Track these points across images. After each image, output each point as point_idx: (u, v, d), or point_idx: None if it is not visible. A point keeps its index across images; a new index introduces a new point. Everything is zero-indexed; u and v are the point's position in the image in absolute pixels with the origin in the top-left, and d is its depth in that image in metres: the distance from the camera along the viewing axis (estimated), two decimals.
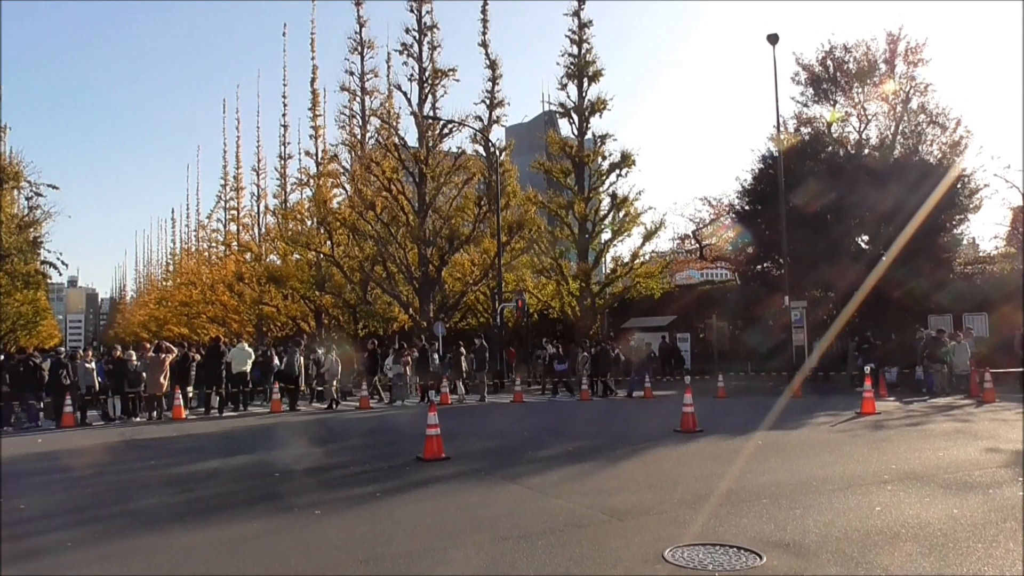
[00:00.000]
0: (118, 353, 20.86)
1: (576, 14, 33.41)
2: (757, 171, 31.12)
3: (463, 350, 23.13)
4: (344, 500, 8.29)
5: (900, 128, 29.32)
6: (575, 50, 33.39)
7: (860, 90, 29.80)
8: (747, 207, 31.76)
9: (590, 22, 33.49)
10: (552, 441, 13.11)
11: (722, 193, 47.01)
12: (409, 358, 22.75)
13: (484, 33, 34.58)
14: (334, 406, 20.83)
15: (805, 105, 31.00)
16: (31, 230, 24.98)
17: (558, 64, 33.69)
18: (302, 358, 21.87)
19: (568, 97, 33.52)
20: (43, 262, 29.87)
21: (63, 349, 29.76)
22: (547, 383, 25.06)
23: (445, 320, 31.05)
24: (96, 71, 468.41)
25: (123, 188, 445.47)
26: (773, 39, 25.04)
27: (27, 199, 25.50)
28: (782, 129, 28.66)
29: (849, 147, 30.16)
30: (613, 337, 32.71)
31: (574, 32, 33.39)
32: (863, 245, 28.80)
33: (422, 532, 6.76)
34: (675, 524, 6.75)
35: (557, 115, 36.89)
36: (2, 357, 23.90)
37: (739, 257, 34.78)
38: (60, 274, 34.28)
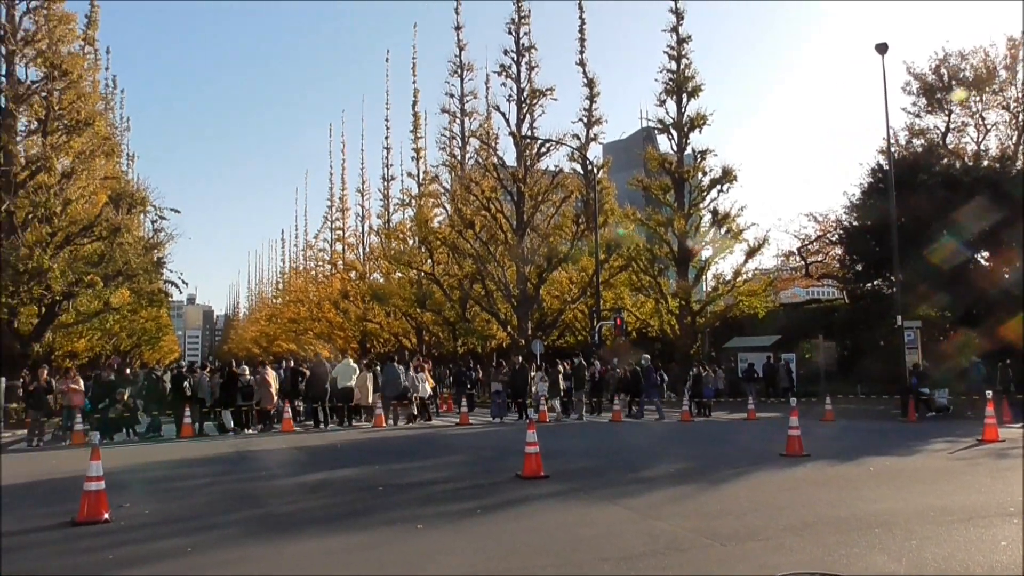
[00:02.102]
0: (231, 368, 21.85)
1: (674, 30, 33.17)
2: (866, 185, 30.01)
3: (561, 368, 23.09)
4: (445, 515, 8.41)
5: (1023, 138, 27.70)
6: (673, 66, 33.13)
7: (978, 98, 28.33)
8: (856, 223, 30.61)
9: (689, 37, 33.22)
10: (652, 462, 12.93)
11: (829, 209, 45.50)
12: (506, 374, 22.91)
13: (582, 52, 34.78)
14: (416, 420, 21.16)
15: (917, 116, 29.76)
16: (155, 251, 26.54)
17: (656, 80, 33.54)
18: (413, 373, 22.31)
19: (667, 113, 33.29)
20: (166, 281, 31.78)
21: (183, 363, 31.49)
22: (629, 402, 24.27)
23: (543, 338, 31.14)
24: (213, 104, 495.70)
25: (238, 211, 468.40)
26: (882, 49, 24.10)
27: (152, 222, 27.22)
28: (893, 141, 27.53)
29: (966, 159, 28.68)
30: (715, 357, 32.06)
31: (672, 48, 33.14)
32: (983, 262, 27.26)
33: (522, 550, 6.79)
34: (781, 551, 6.54)
35: (655, 131, 36.70)
36: (128, 370, 25.45)
37: (847, 275, 33.50)
38: (180, 292, 36.44)
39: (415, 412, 21.55)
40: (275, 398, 19.93)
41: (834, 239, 35.41)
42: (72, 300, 24.73)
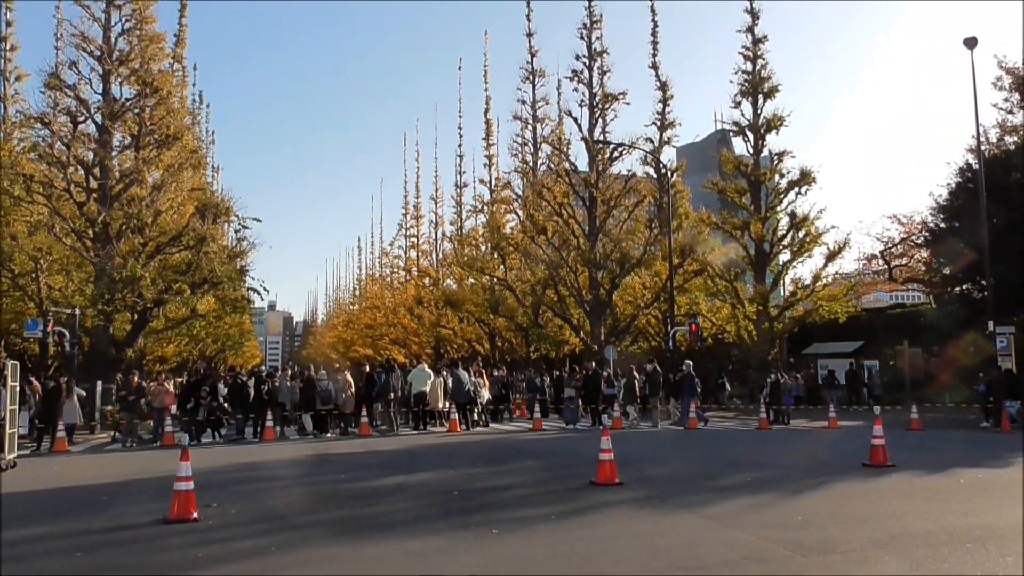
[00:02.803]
0: (310, 373, 22.42)
1: (750, 30, 32.60)
2: (954, 185, 28.84)
3: (636, 374, 22.89)
4: (520, 520, 8.46)
5: None
6: (749, 67, 32.55)
7: None
8: (943, 224, 29.44)
9: (764, 37, 32.59)
10: (728, 470, 12.70)
11: (913, 210, 43.74)
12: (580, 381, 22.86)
13: (654, 55, 34.53)
14: (472, 426, 21.28)
15: (1009, 112, 28.39)
16: (239, 260, 27.44)
17: (731, 82, 33.00)
18: (473, 379, 22.51)
19: (742, 115, 32.72)
20: (248, 288, 32.83)
21: (263, 368, 32.46)
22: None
23: (616, 343, 30.93)
24: (292, 116, 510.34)
25: (316, 220, 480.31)
26: (971, 43, 23.15)
27: (235, 232, 28.18)
28: (983, 139, 26.38)
29: None
30: (793, 364, 31.28)
31: (748, 49, 32.57)
32: None
33: (597, 557, 6.78)
34: (866, 564, 6.35)
35: (731, 133, 36.11)
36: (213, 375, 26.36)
37: (934, 278, 32.24)
38: (262, 299, 37.50)
39: (475, 418, 21.78)
40: (352, 403, 20.38)
41: (919, 241, 34.10)
42: (162, 307, 25.81)
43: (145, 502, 9.86)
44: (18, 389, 14.98)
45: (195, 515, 8.47)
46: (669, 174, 34.06)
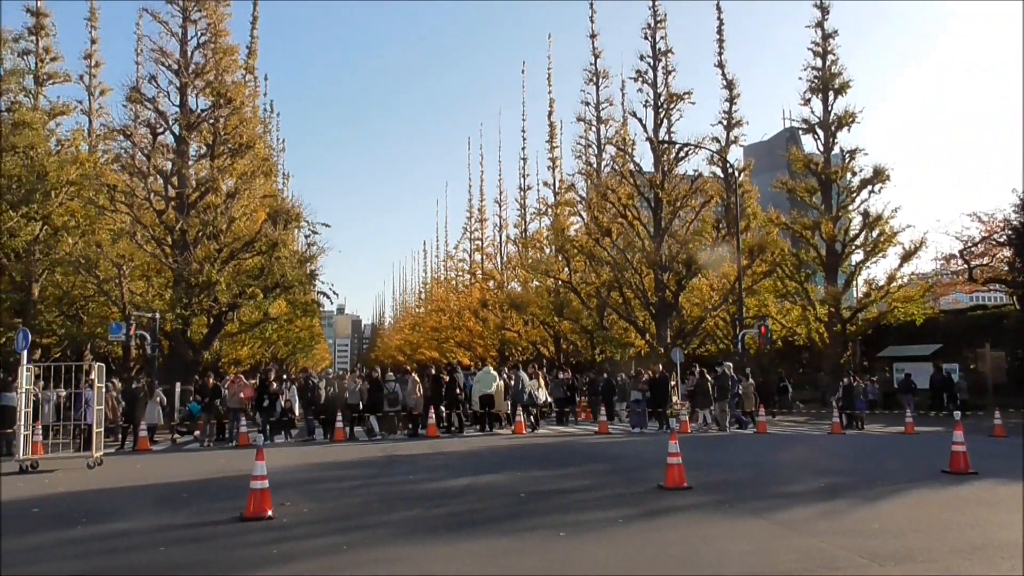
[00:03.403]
0: (376, 375, 22.80)
1: (819, 25, 31.86)
2: None
3: (708, 377, 22.56)
4: (587, 524, 8.44)
5: None
6: (819, 63, 31.83)
7: None
8: None
9: (835, 32, 31.83)
10: (800, 476, 12.43)
11: (995, 208, 42.08)
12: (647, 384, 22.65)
13: (720, 53, 34.11)
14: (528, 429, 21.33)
15: None
16: (309, 264, 28.09)
17: (800, 79, 32.32)
18: (534, 381, 22.57)
19: (812, 112, 32.01)
20: (318, 292, 33.62)
21: (330, 371, 33.12)
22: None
23: (683, 346, 30.56)
24: (358, 122, 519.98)
25: (383, 224, 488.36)
26: None
27: (306, 237, 28.82)
28: None
29: None
30: (867, 367, 30.41)
31: (817, 44, 31.85)
32: None
33: (666, 561, 6.73)
34: (948, 574, 6.14)
35: (800, 131, 35.39)
36: (284, 377, 27.07)
37: (1018, 278, 30.89)
38: (331, 303, 38.41)
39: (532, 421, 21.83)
40: (420, 405, 20.63)
41: (1002, 240, 32.72)
42: (236, 311, 26.61)
43: (223, 500, 10.19)
44: (104, 390, 15.63)
45: (270, 513, 8.72)
46: (736, 174, 33.55)
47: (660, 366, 25.32)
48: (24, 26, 28.45)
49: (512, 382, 21.96)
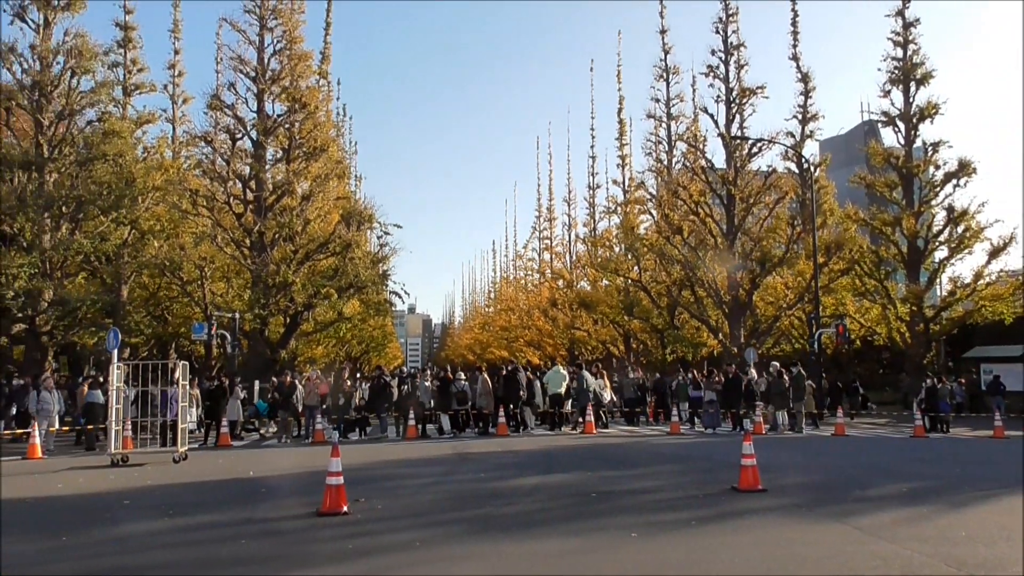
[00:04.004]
0: (445, 373, 23.07)
1: (900, 14, 30.76)
2: None
3: (786, 377, 22.07)
4: (658, 525, 8.37)
5: None
6: (899, 53, 30.74)
7: None
8: None
9: (916, 20, 30.66)
10: (880, 479, 12.03)
11: None
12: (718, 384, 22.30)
13: (795, 46, 33.34)
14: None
15: None
16: (381, 265, 28.63)
17: (879, 70, 31.31)
18: (599, 380, 22.47)
19: (892, 104, 30.96)
20: (390, 292, 34.24)
21: (405, 369, 33.66)
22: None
23: (757, 346, 29.95)
24: (427, 123, 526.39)
25: (453, 225, 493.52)
26: None
27: (378, 238, 29.43)
28: None
29: None
30: (952, 368, 29.26)
31: (898, 33, 30.76)
32: None
33: (740, 564, 6.61)
34: None
35: (879, 124, 34.28)
36: (358, 375, 27.61)
37: None
38: (403, 302, 39.03)
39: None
40: (489, 404, 20.78)
41: None
42: (311, 310, 27.30)
43: (300, 495, 10.46)
44: (188, 388, 16.24)
45: (345, 509, 8.91)
46: (812, 169, 32.66)
47: (733, 366, 24.87)
48: (113, 39, 29.77)
49: (575, 382, 21.92)
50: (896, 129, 31.02)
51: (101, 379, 21.27)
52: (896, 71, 30.66)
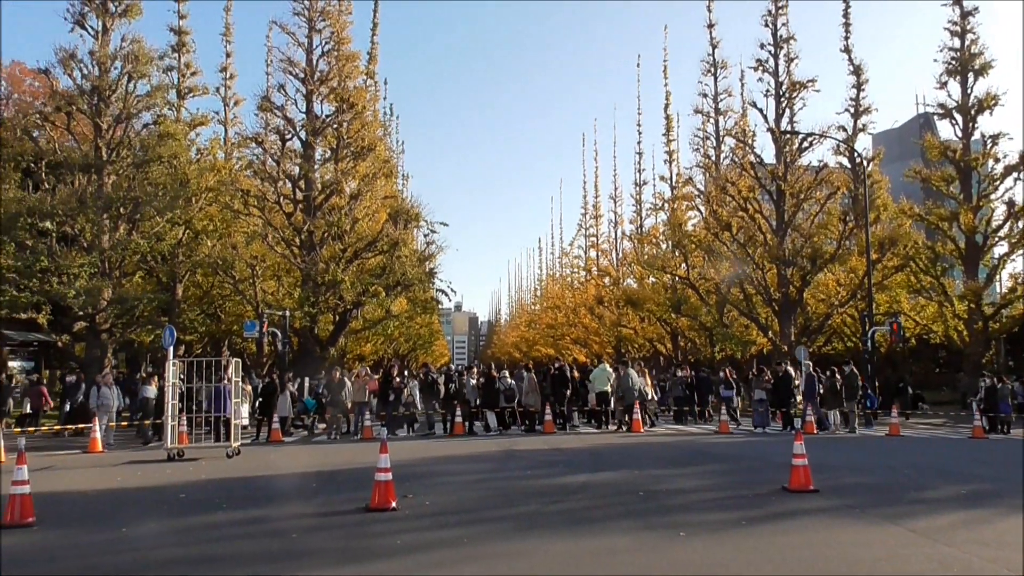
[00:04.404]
0: (492, 372, 23.12)
1: (957, 3, 29.94)
2: None
3: (838, 376, 21.66)
4: (707, 524, 8.29)
5: None
6: (956, 43, 29.90)
7: None
8: None
9: (975, 10, 29.78)
10: (937, 481, 11.74)
11: None
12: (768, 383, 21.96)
13: (847, 38, 32.71)
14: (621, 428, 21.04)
15: None
16: (428, 263, 28.85)
17: (936, 61, 30.50)
18: (643, 379, 22.30)
19: (949, 96, 30.11)
20: (437, 290, 34.48)
21: (451, 367, 33.87)
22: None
23: (807, 344, 29.42)
24: (473, 122, 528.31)
25: (499, 222, 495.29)
26: None
27: (424, 236, 29.62)
28: None
29: None
30: (1013, 367, 28.37)
31: (955, 23, 29.91)
32: None
33: (792, 565, 6.52)
34: None
35: (935, 117, 33.41)
36: (405, 372, 27.84)
37: None
38: (449, 300, 39.21)
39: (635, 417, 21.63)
40: (536, 401, 20.79)
41: None
42: (360, 308, 27.63)
43: (349, 490, 10.60)
44: (240, 384, 16.57)
45: (394, 505, 9.01)
46: (865, 163, 31.94)
47: (783, 364, 24.48)
48: (168, 44, 30.53)
49: (620, 380, 21.79)
50: (953, 121, 30.18)
51: (148, 375, 21.91)
52: (953, 62, 29.82)
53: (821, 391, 21.51)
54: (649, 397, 22.43)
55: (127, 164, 25.15)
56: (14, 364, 26.64)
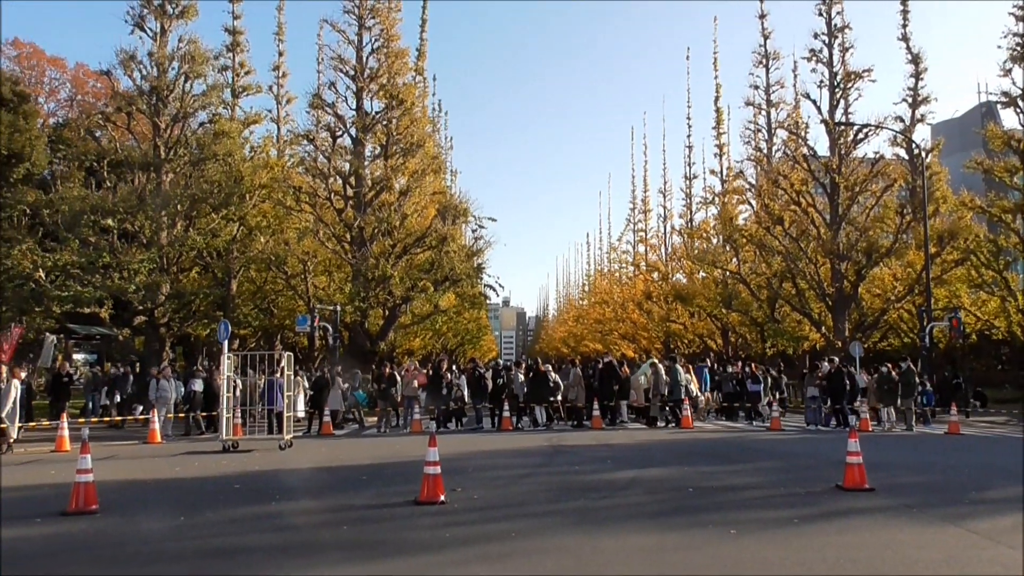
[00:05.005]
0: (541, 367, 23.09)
1: None
2: None
3: (894, 374, 21.15)
4: (759, 522, 8.17)
5: None
6: (1021, 28, 28.81)
7: None
8: None
9: None
10: (1000, 481, 11.37)
11: None
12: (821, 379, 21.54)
13: (904, 25, 31.81)
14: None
15: None
16: (476, 258, 29.02)
17: (999, 47, 29.37)
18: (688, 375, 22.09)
19: (1013, 83, 29.06)
20: (485, 285, 34.64)
21: (499, 361, 34.01)
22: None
23: (862, 340, 28.78)
24: (520, 116, 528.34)
25: (546, 217, 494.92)
26: None
27: (472, 231, 29.85)
28: None
29: None
30: None
31: (1020, 7, 28.84)
32: None
33: (846, 566, 6.39)
34: None
35: (998, 105, 32.27)
36: (453, 367, 28.03)
37: None
38: (497, 295, 39.45)
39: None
40: (581, 397, 20.72)
41: None
42: (409, 303, 27.90)
43: (398, 483, 10.72)
44: (294, 378, 16.87)
45: (442, 498, 9.07)
46: (923, 154, 31.08)
47: (836, 360, 24.00)
48: (223, 44, 31.19)
49: (668, 376, 21.61)
50: (1017, 110, 29.14)
51: (195, 369, 22.44)
52: (1018, 48, 28.77)
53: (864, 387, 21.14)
54: (694, 394, 22.21)
55: (184, 162, 25.79)
56: (78, 357, 27.51)
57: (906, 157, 32.75)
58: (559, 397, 21.08)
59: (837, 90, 30.75)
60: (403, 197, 27.99)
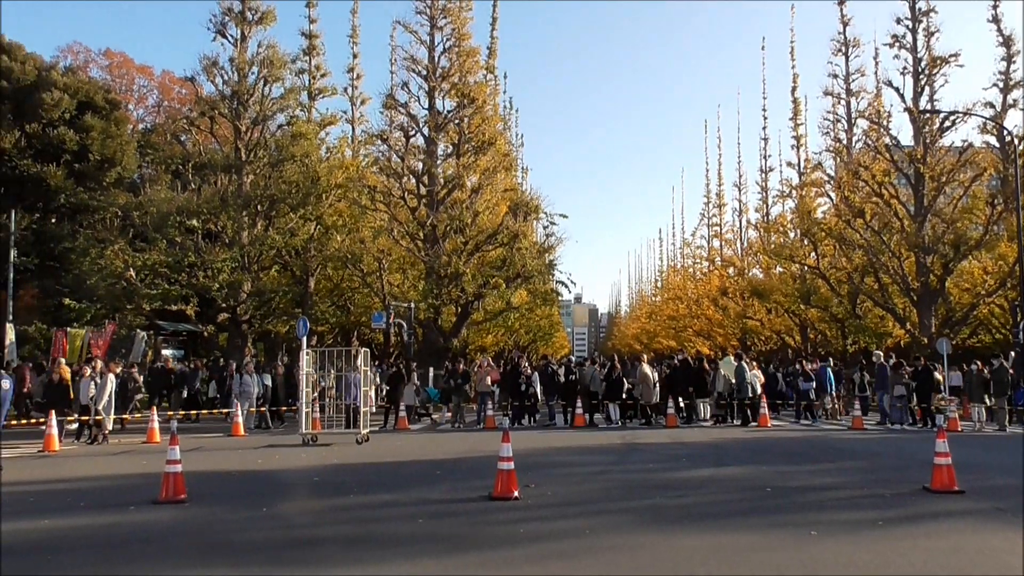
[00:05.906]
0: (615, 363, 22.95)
1: None
2: None
3: (985, 372, 20.26)
4: (841, 524, 7.94)
5: None
6: None
7: None
8: None
9: None
10: None
11: None
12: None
13: (995, 6, 30.30)
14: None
15: None
16: (547, 255, 29.07)
17: None
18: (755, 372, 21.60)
19: None
20: (557, 282, 34.63)
21: (571, 358, 33.93)
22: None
23: (950, 336, 27.62)
24: (591, 112, 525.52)
25: (618, 213, 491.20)
26: None
27: (544, 228, 29.89)
28: None
29: None
30: None
31: None
32: None
33: (934, 570, 6.16)
34: None
35: None
36: (525, 364, 28.10)
37: None
38: (569, 292, 39.33)
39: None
40: (654, 395, 20.52)
41: None
42: (481, 300, 28.11)
43: (473, 479, 10.81)
44: (369, 374, 17.20)
45: (516, 494, 9.12)
46: (1016, 142, 29.60)
47: (922, 357, 23.10)
48: (300, 48, 32.03)
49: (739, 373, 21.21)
50: None
51: (267, 364, 23.10)
52: None
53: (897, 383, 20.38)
54: (759, 392, 21.74)
55: (263, 164, 26.58)
56: (166, 352, 28.67)
57: (997, 145, 31.24)
58: (634, 395, 20.94)
59: (922, 76, 29.58)
60: (475, 195, 28.20)
